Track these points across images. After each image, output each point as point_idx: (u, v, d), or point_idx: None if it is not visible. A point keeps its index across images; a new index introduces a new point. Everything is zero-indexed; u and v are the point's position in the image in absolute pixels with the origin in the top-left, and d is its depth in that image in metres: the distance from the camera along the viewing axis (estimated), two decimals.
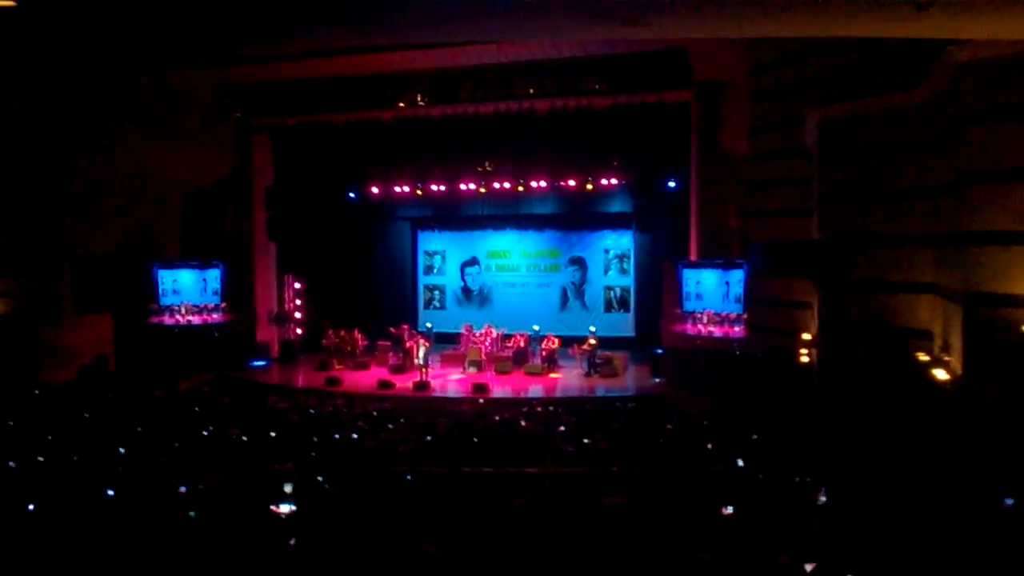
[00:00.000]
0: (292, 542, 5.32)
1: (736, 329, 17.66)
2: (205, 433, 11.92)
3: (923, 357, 11.14)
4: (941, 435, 10.06)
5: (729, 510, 6.16)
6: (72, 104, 19.35)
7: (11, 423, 12.19)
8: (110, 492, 7.00)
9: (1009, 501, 5.97)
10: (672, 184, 20.66)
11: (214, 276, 22.09)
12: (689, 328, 18.55)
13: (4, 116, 18.39)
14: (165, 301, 21.55)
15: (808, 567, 4.39)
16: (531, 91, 20.22)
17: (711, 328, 18.07)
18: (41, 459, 9.29)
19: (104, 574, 4.70)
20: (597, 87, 19.78)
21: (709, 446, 10.98)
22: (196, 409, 14.42)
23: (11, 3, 6.47)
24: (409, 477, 8.93)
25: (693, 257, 19.84)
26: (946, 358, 10.67)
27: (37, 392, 15.60)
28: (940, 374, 10.40)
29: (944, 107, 11.00)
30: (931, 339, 11.52)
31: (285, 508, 6.24)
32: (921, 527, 5.61)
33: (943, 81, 10.72)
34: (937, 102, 11.21)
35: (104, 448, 10.34)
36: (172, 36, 8.98)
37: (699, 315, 18.43)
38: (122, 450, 10.31)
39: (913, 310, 11.93)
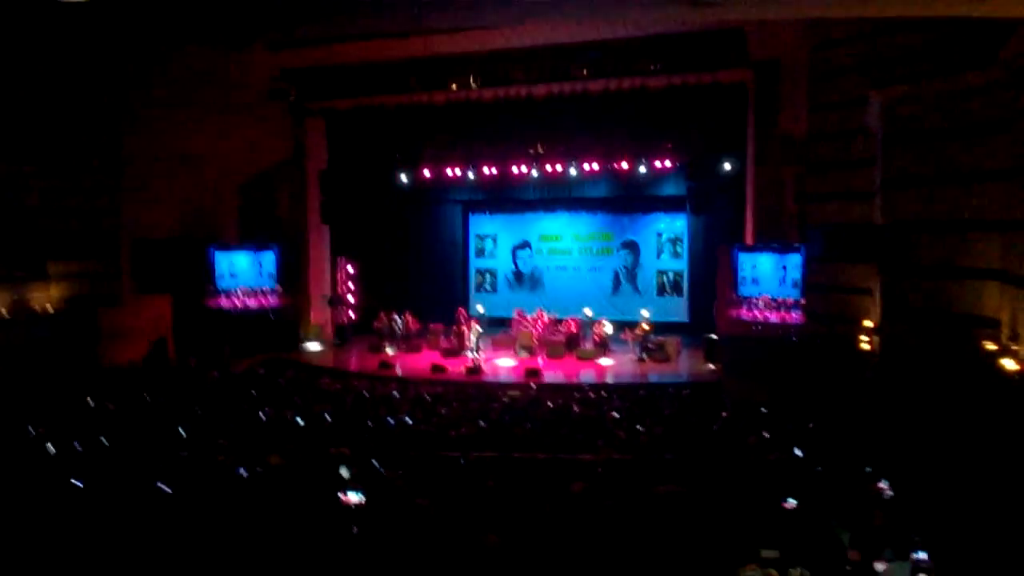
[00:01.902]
0: (355, 529, 5.35)
1: (793, 315, 17.30)
2: (262, 415, 12.11)
3: (990, 346, 10.78)
4: (1009, 427, 9.73)
5: (791, 503, 6.03)
6: (130, 89, 19.75)
7: (76, 405, 12.53)
8: (171, 474, 7.13)
9: None
10: (727, 166, 20.29)
11: (269, 259, 22.38)
12: (744, 313, 18.23)
13: (66, 102, 18.81)
14: (222, 284, 21.89)
15: (879, 566, 4.26)
16: (584, 72, 19.97)
17: (767, 314, 17.74)
18: (105, 441, 9.53)
19: (167, 552, 4.77)
20: (652, 67, 19.46)
21: (765, 435, 10.81)
22: (252, 392, 14.66)
23: None
24: (463, 462, 8.95)
25: (749, 241, 19.49)
26: (1014, 347, 10.31)
27: (100, 374, 16.06)
28: (1008, 364, 10.05)
29: (1012, 88, 10.58)
30: (998, 328, 11.13)
31: (354, 498, 6.19)
32: (989, 520, 5.43)
33: (1012, 61, 10.30)
34: (1005, 83, 10.78)
35: (166, 430, 10.57)
36: (227, 18, 9.06)
37: (755, 300, 18.09)
38: (183, 431, 10.53)
39: (980, 297, 11.54)
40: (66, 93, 18.81)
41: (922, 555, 4.50)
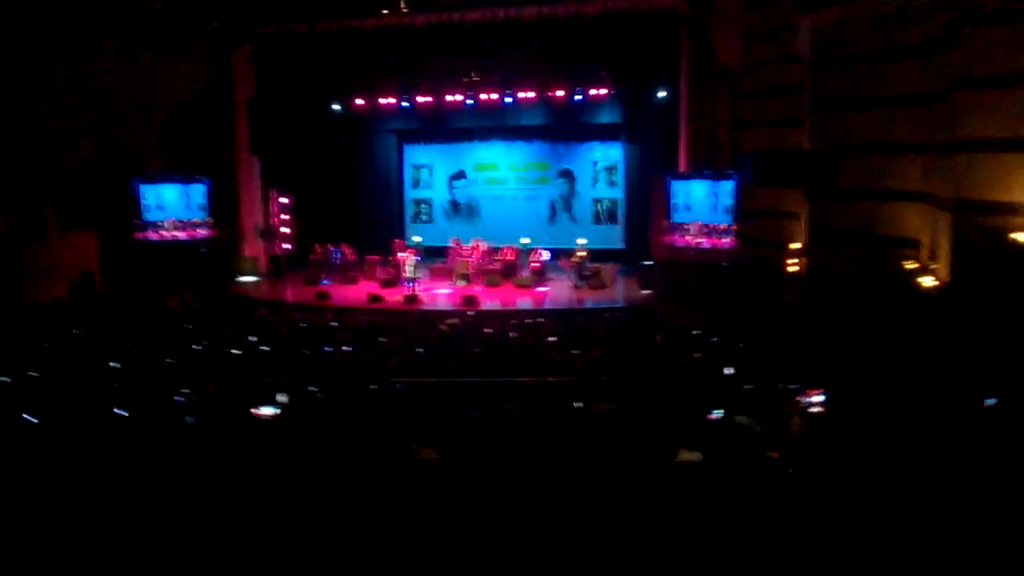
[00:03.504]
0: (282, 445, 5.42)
1: (725, 240, 17.66)
2: (197, 348, 11.98)
3: (910, 265, 11.22)
4: (925, 340, 10.21)
5: (717, 414, 6.27)
6: (48, 18, 18.75)
7: (2, 340, 12.20)
8: (109, 406, 7.06)
9: (991, 401, 6.10)
10: (662, 94, 20.36)
11: (198, 191, 21.81)
12: (678, 240, 18.55)
13: None
14: (149, 217, 21.30)
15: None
16: None
17: (700, 240, 18.07)
18: (35, 374, 9.34)
19: (102, 483, 4.77)
20: None
21: (697, 355, 11.12)
22: (186, 325, 14.45)
23: None
24: (401, 387, 9.03)
25: (682, 169, 19.72)
26: (933, 266, 10.75)
27: (25, 310, 15.60)
28: (927, 281, 10.50)
29: (937, 11, 10.79)
30: (918, 248, 11.58)
31: (268, 411, 6.38)
32: (907, 428, 5.73)
33: None
34: (930, 6, 10.99)
35: (96, 364, 10.39)
36: None
37: (688, 227, 18.40)
38: (115, 365, 10.37)
39: (902, 219, 11.95)
40: None
41: None
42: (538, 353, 11.76)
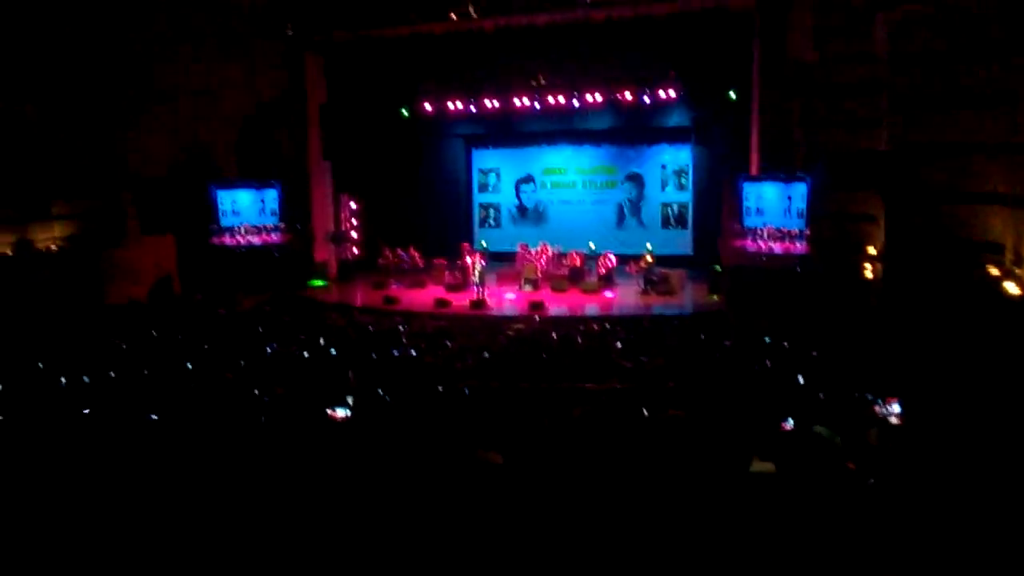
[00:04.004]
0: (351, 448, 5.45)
1: (798, 245, 17.23)
2: (268, 350, 12.20)
3: (994, 270, 10.78)
4: (1013, 349, 9.77)
5: (789, 424, 6.09)
6: (127, 25, 19.42)
7: (82, 342, 12.62)
8: (178, 405, 7.22)
9: None
10: (732, 95, 20.00)
11: (272, 196, 22.29)
12: (749, 244, 18.18)
13: (64, 39, 18.53)
14: (225, 222, 21.87)
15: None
16: (587, 0, 19.55)
17: (772, 244, 17.68)
18: (112, 374, 9.63)
19: (169, 480, 4.86)
20: None
21: (768, 363, 10.86)
22: (259, 328, 14.74)
23: None
24: (467, 391, 9.03)
25: (754, 171, 19.33)
26: (1018, 271, 10.30)
27: (105, 312, 16.13)
28: (1011, 287, 10.06)
29: (1018, 9, 10.36)
30: (1002, 252, 11.12)
31: (341, 412, 6.43)
32: (989, 440, 5.48)
33: None
34: (1011, 3, 10.55)
35: (172, 365, 10.66)
36: None
37: (760, 231, 18.02)
38: (190, 366, 10.62)
39: (984, 222, 11.51)
40: (64, 30, 18.52)
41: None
42: (605, 359, 11.65)
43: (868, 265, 14.17)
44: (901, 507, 4.02)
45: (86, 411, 7.10)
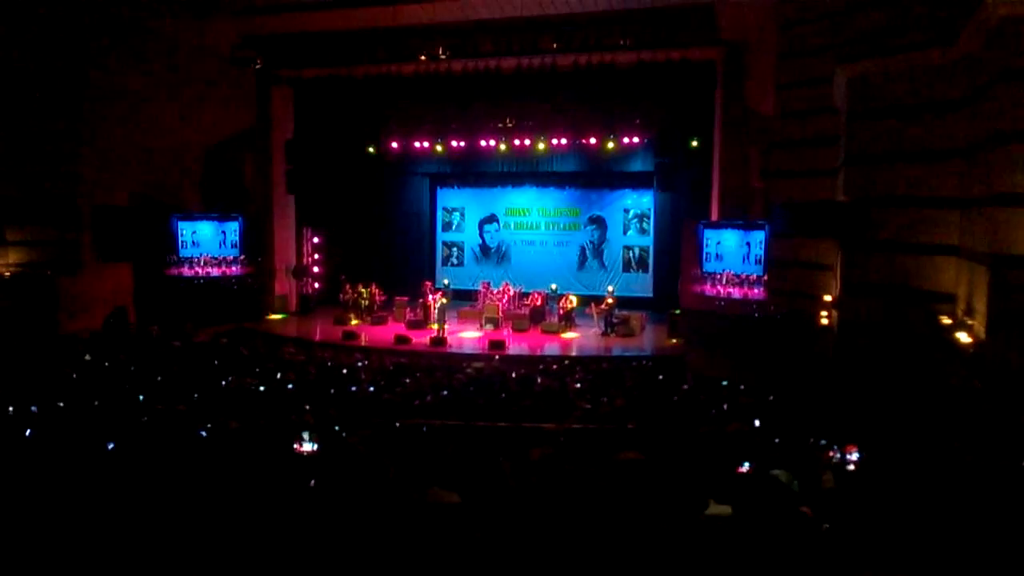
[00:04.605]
0: (312, 483, 5.36)
1: (756, 291, 17.51)
2: (223, 383, 12.00)
3: (946, 320, 11.01)
4: (963, 398, 9.95)
5: (745, 467, 6.12)
6: (90, 55, 19.27)
7: (33, 371, 12.31)
8: (129, 437, 7.06)
9: None
10: (695, 143, 20.39)
11: (233, 229, 22.13)
12: (708, 289, 18.42)
13: (25, 68, 18.33)
14: (184, 253, 21.66)
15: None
16: (554, 45, 19.82)
17: (730, 290, 17.93)
18: (61, 404, 9.39)
19: (122, 514, 4.74)
20: (621, 42, 19.38)
21: (725, 406, 10.94)
22: (215, 361, 14.52)
23: None
24: (425, 429, 8.96)
25: (714, 217, 19.65)
26: (969, 321, 10.53)
27: (58, 341, 15.77)
28: (963, 337, 10.26)
29: (975, 66, 10.72)
30: (954, 302, 11.37)
31: (307, 447, 6.34)
32: (941, 488, 5.55)
33: (977, 37, 10.43)
34: (968, 60, 10.92)
35: (124, 396, 10.44)
36: None
37: (719, 276, 18.28)
38: (141, 397, 10.40)
39: (937, 273, 11.75)
40: (25, 59, 18.32)
41: None
42: (564, 399, 11.65)
43: (824, 312, 14.39)
44: (856, 551, 4.05)
45: (27, 435, 6.93)
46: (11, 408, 8.79)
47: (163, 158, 21.45)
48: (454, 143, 22.49)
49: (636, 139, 21.25)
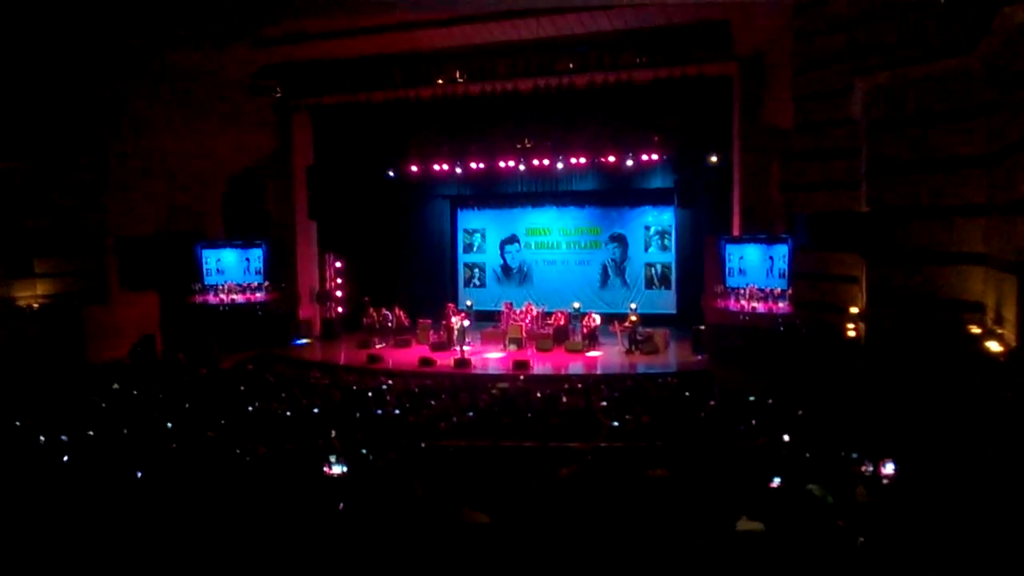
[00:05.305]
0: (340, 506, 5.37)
1: (780, 305, 17.38)
2: (250, 409, 12.08)
3: (975, 329, 10.87)
4: (994, 408, 9.81)
5: (776, 482, 6.07)
6: (114, 87, 19.63)
7: (63, 400, 12.45)
8: (159, 465, 7.12)
9: None
10: (714, 158, 20.36)
11: (256, 255, 22.35)
12: (732, 304, 18.30)
13: (52, 100, 18.68)
14: (209, 280, 21.88)
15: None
16: (570, 66, 19.96)
17: (754, 304, 17.80)
18: (91, 433, 9.49)
19: (153, 542, 4.77)
20: (637, 61, 19.48)
21: (753, 421, 10.85)
22: (241, 387, 14.62)
23: None
24: (452, 450, 8.96)
25: (736, 232, 19.58)
26: (999, 330, 10.39)
27: (87, 370, 15.95)
28: (993, 346, 10.13)
29: (996, 72, 10.65)
30: (983, 311, 11.23)
31: (336, 470, 6.36)
32: (975, 499, 5.48)
33: (996, 44, 10.37)
34: (989, 67, 10.86)
35: (153, 424, 10.53)
36: (209, 15, 9.06)
37: (742, 291, 18.17)
38: (170, 425, 10.49)
39: (964, 282, 11.63)
40: (51, 91, 18.66)
41: None
42: (590, 418, 11.61)
43: (851, 324, 14.26)
44: (891, 565, 4.00)
45: (64, 463, 7.00)
46: (42, 437, 8.91)
47: (186, 187, 21.78)
48: (473, 165, 22.62)
49: (655, 156, 21.24)
